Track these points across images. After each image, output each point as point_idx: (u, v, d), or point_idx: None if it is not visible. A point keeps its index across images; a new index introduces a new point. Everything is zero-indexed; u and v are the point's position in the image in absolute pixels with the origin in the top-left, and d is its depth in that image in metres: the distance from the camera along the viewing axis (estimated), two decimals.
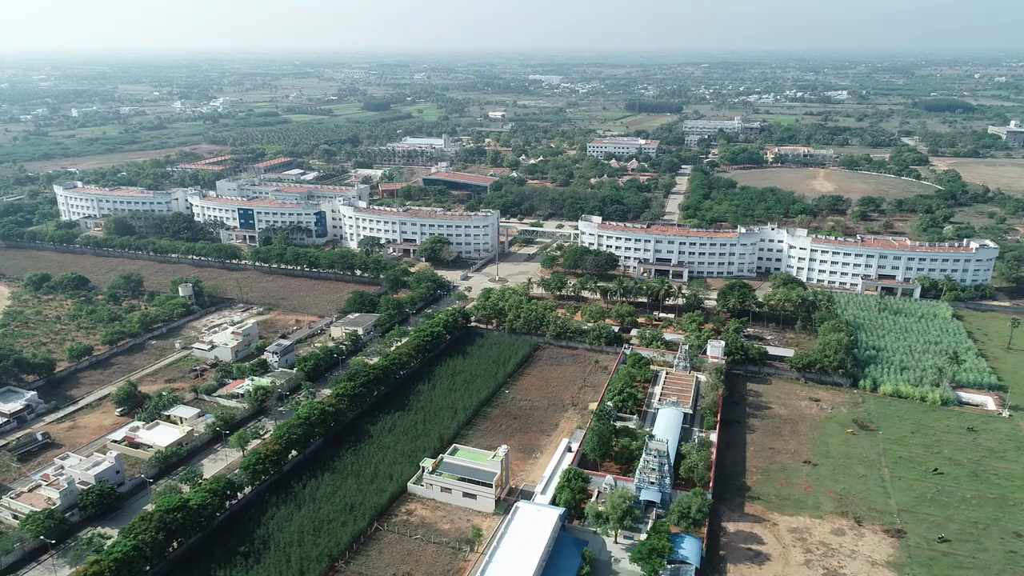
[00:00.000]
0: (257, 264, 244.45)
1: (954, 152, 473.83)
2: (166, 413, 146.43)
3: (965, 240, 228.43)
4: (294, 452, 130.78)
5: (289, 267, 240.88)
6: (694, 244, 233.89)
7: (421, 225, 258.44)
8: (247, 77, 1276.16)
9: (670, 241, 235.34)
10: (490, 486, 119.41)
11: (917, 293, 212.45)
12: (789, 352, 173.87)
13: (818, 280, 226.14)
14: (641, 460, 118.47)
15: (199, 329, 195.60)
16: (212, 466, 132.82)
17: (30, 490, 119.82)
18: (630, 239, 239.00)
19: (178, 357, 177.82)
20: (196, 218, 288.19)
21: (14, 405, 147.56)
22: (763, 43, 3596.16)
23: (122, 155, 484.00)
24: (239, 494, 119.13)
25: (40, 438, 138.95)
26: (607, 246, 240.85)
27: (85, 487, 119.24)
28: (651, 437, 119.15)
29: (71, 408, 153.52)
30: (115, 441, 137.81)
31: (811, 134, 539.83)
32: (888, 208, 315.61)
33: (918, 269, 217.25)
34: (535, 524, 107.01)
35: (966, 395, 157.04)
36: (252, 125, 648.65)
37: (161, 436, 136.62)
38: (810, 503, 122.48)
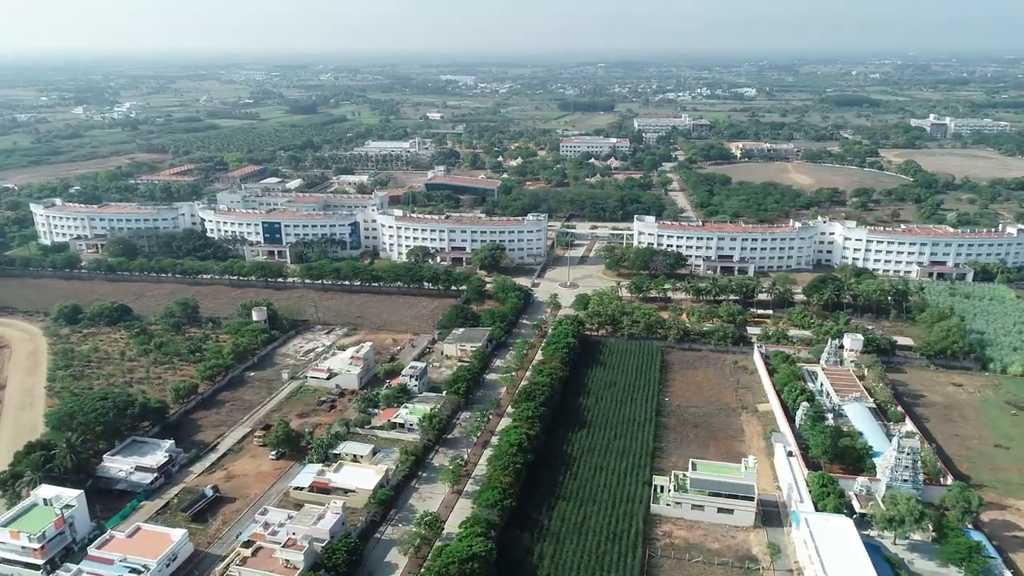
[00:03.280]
0: (307, 282, 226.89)
1: (893, 144, 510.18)
2: (334, 452, 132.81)
3: (1001, 225, 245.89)
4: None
5: (344, 283, 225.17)
6: (755, 240, 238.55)
7: (472, 232, 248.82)
8: (140, 80, 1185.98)
9: (732, 238, 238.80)
10: (750, 499, 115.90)
11: (970, 277, 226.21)
12: (907, 340, 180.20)
13: (873, 269, 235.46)
14: (891, 458, 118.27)
15: (292, 356, 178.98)
16: (424, 505, 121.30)
17: (254, 553, 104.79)
18: (691, 237, 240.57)
19: (293, 389, 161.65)
20: (209, 234, 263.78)
21: (156, 458, 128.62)
22: (646, 42, 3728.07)
23: (52, 167, 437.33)
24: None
25: (210, 493, 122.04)
26: (667, 245, 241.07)
27: (320, 544, 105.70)
28: (907, 435, 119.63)
29: (213, 456, 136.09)
30: (298, 488, 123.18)
31: (757, 130, 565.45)
32: (882, 199, 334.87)
33: (967, 255, 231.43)
34: (837, 535, 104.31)
35: None
36: (178, 131, 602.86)
37: (357, 478, 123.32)
38: None
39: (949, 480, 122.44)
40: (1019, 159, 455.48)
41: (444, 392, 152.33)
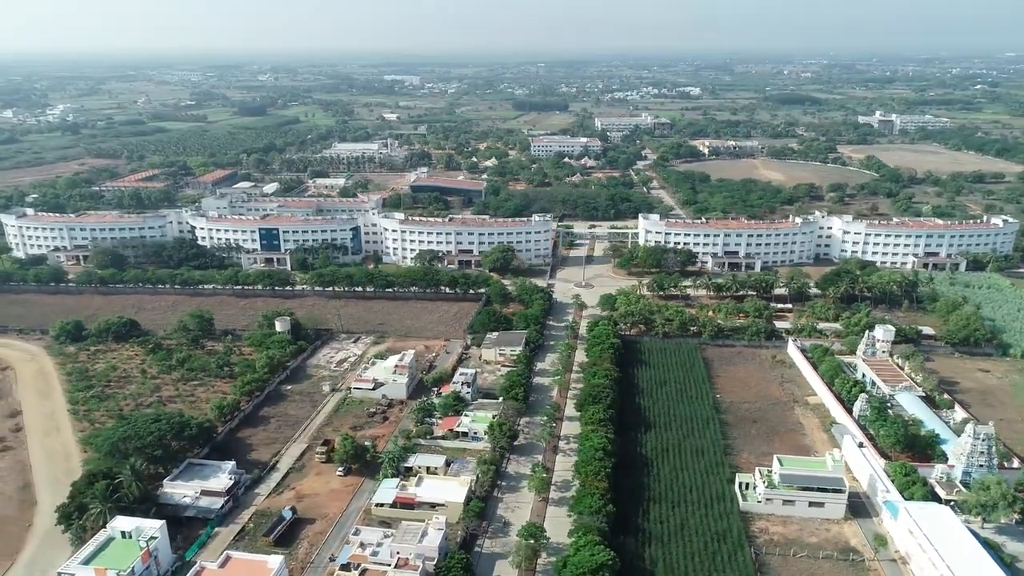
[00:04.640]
0: (316, 289, 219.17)
1: (847, 141, 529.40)
2: (406, 466, 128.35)
3: (985, 216, 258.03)
4: None
5: (356, 289, 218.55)
6: (760, 236, 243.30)
7: (480, 235, 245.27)
8: (66, 81, 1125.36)
9: (738, 234, 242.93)
10: (841, 492, 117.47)
11: (963, 266, 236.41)
12: (928, 329, 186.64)
13: (871, 261, 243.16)
14: (967, 445, 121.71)
15: (325, 367, 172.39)
16: (513, 515, 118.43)
17: None
18: (699, 234, 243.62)
19: (337, 401, 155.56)
20: (200, 242, 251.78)
21: (220, 481, 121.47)
22: (578, 41, 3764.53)
23: None
24: None
25: (289, 515, 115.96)
26: (675, 243, 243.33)
27: (431, 562, 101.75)
28: (965, 420, 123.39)
29: (276, 475, 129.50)
30: (380, 504, 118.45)
31: (716, 128, 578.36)
32: (856, 193, 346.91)
33: (958, 246, 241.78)
34: (940, 523, 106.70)
35: None
36: (124, 135, 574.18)
37: (443, 492, 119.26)
38: None
39: (1015, 463, 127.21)
40: (966, 153, 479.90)
41: (500, 398, 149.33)
